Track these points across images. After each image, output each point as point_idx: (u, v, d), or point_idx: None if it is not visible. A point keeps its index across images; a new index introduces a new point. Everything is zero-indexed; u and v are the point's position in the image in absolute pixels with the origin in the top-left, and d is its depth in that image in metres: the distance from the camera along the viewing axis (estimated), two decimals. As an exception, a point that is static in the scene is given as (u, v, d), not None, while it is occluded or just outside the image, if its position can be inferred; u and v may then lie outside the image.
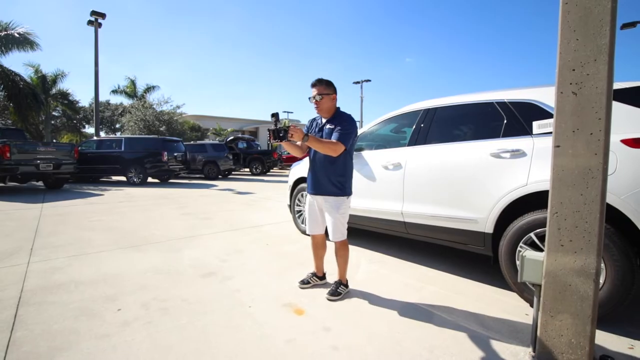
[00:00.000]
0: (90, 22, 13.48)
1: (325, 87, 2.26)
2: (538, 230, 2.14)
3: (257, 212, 5.85)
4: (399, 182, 3.01)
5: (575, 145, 1.46)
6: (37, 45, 13.42)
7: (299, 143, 2.23)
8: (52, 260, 3.09)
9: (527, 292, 2.21)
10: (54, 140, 20.71)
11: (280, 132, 2.01)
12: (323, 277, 2.59)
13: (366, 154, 3.45)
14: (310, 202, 2.44)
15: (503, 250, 2.32)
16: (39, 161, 7.92)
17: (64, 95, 22.03)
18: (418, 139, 3.00)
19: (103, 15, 13.35)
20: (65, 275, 2.73)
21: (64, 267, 2.92)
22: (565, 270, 1.50)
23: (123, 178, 10.88)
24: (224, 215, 5.48)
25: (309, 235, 2.53)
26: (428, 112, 3.04)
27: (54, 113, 23.83)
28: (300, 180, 4.18)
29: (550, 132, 2.23)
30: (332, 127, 2.24)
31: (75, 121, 25.70)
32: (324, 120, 2.34)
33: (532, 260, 1.64)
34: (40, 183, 9.58)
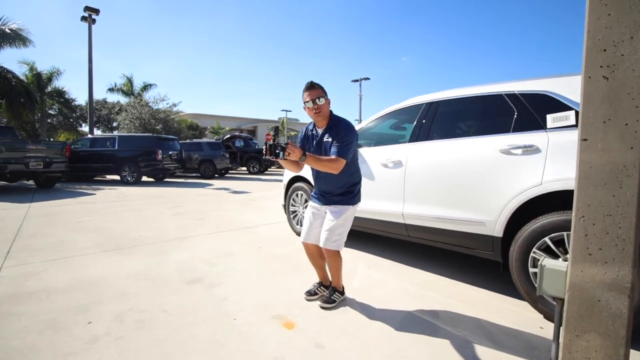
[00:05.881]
0: (84, 18, 13.22)
1: (322, 90, 2.01)
2: (554, 234, 1.94)
3: (252, 212, 5.64)
4: (400, 181, 2.81)
5: (606, 137, 1.26)
6: (30, 41, 13.18)
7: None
8: (27, 265, 2.88)
9: (541, 303, 2.01)
10: (51, 139, 20.42)
11: (276, 148, 1.78)
12: (330, 286, 2.36)
13: (364, 151, 3.25)
14: (314, 207, 2.21)
15: (514, 256, 2.12)
16: (28, 159, 7.70)
17: (59, 94, 21.74)
18: (420, 134, 2.80)
19: (97, 11, 13.09)
20: (39, 282, 2.52)
21: (39, 272, 2.71)
22: (594, 283, 1.30)
23: (117, 177, 10.66)
24: (218, 216, 5.28)
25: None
26: (431, 105, 2.84)
27: (50, 111, 23.55)
28: (295, 179, 3.98)
29: (567, 126, 2.04)
30: (331, 139, 2.00)
31: (71, 119, 25.42)
32: (319, 131, 2.08)
33: (553, 271, 1.44)
34: (31, 182, 9.37)
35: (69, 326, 1.88)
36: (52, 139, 21.37)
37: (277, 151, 1.77)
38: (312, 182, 2.27)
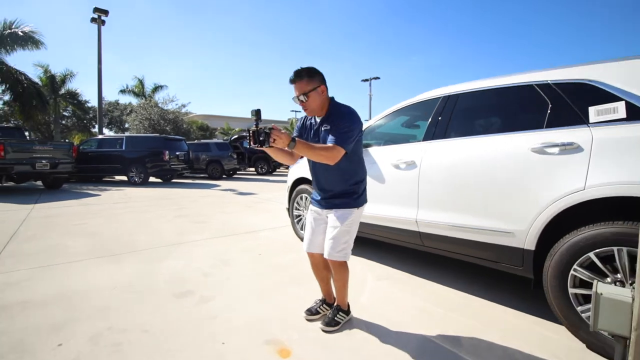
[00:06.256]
0: (93, 20, 13.31)
1: (307, 81, 1.68)
2: (601, 249, 1.62)
3: (256, 215, 5.41)
4: (413, 184, 2.51)
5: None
6: (42, 44, 13.31)
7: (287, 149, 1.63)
8: (12, 273, 2.69)
9: (584, 331, 1.69)
10: (66, 140, 20.72)
11: (260, 134, 1.50)
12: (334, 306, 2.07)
13: (374, 150, 2.96)
14: (315, 211, 1.93)
15: (549, 273, 1.80)
16: (35, 160, 7.67)
17: (72, 95, 22.09)
18: (436, 132, 2.50)
19: (106, 12, 13.15)
20: (18, 292, 2.32)
21: (22, 281, 2.52)
22: (675, 323, 0.99)
23: (125, 178, 10.62)
24: (221, 219, 5.06)
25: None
26: (448, 99, 2.53)
27: (64, 113, 23.97)
28: (300, 180, 3.72)
29: (615, 120, 1.72)
30: (329, 127, 1.72)
31: (85, 121, 25.82)
32: (318, 120, 1.81)
33: (614, 302, 1.13)
34: (39, 183, 9.39)
35: (36, 349, 1.66)
36: (66, 140, 21.69)
37: (260, 138, 1.49)
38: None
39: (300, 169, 3.65)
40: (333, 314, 1.91)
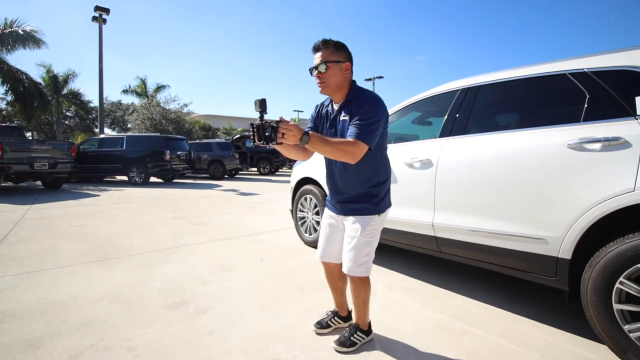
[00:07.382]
0: (94, 18, 13.19)
1: (333, 51, 1.46)
2: (656, 260, 1.40)
3: (257, 216, 5.21)
4: (429, 185, 2.30)
5: None
6: (43, 43, 13.19)
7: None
8: (-5, 280, 2.51)
9: (633, 353, 1.47)
10: (69, 140, 20.65)
11: (266, 130, 1.28)
12: (348, 317, 1.86)
13: (384, 148, 2.75)
14: (330, 216, 1.71)
15: (589, 285, 1.58)
16: (33, 160, 7.52)
17: (75, 95, 22.04)
18: (455, 127, 2.28)
19: (107, 11, 13.04)
20: (-2, 302, 2.13)
21: (4, 290, 2.34)
22: None
23: (126, 178, 10.46)
24: (220, 220, 4.87)
25: (321, 261, 1.76)
26: (467, 92, 2.32)
27: (67, 113, 23.92)
28: (305, 180, 3.52)
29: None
30: (348, 117, 1.48)
31: (87, 121, 25.76)
32: (335, 107, 1.56)
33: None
34: (39, 183, 9.25)
35: (6, 372, 1.46)
36: (69, 140, 21.61)
37: (266, 134, 1.27)
38: (325, 182, 1.77)
39: (305, 168, 3.45)
40: (350, 332, 1.68)
